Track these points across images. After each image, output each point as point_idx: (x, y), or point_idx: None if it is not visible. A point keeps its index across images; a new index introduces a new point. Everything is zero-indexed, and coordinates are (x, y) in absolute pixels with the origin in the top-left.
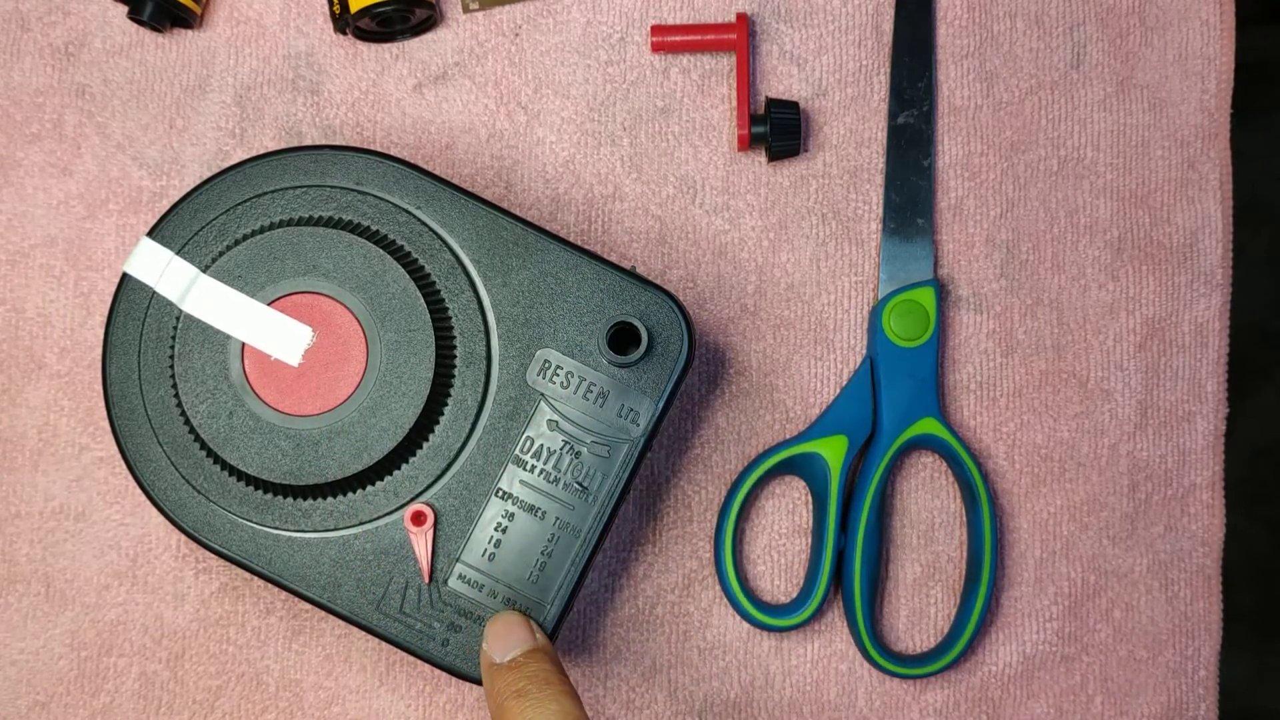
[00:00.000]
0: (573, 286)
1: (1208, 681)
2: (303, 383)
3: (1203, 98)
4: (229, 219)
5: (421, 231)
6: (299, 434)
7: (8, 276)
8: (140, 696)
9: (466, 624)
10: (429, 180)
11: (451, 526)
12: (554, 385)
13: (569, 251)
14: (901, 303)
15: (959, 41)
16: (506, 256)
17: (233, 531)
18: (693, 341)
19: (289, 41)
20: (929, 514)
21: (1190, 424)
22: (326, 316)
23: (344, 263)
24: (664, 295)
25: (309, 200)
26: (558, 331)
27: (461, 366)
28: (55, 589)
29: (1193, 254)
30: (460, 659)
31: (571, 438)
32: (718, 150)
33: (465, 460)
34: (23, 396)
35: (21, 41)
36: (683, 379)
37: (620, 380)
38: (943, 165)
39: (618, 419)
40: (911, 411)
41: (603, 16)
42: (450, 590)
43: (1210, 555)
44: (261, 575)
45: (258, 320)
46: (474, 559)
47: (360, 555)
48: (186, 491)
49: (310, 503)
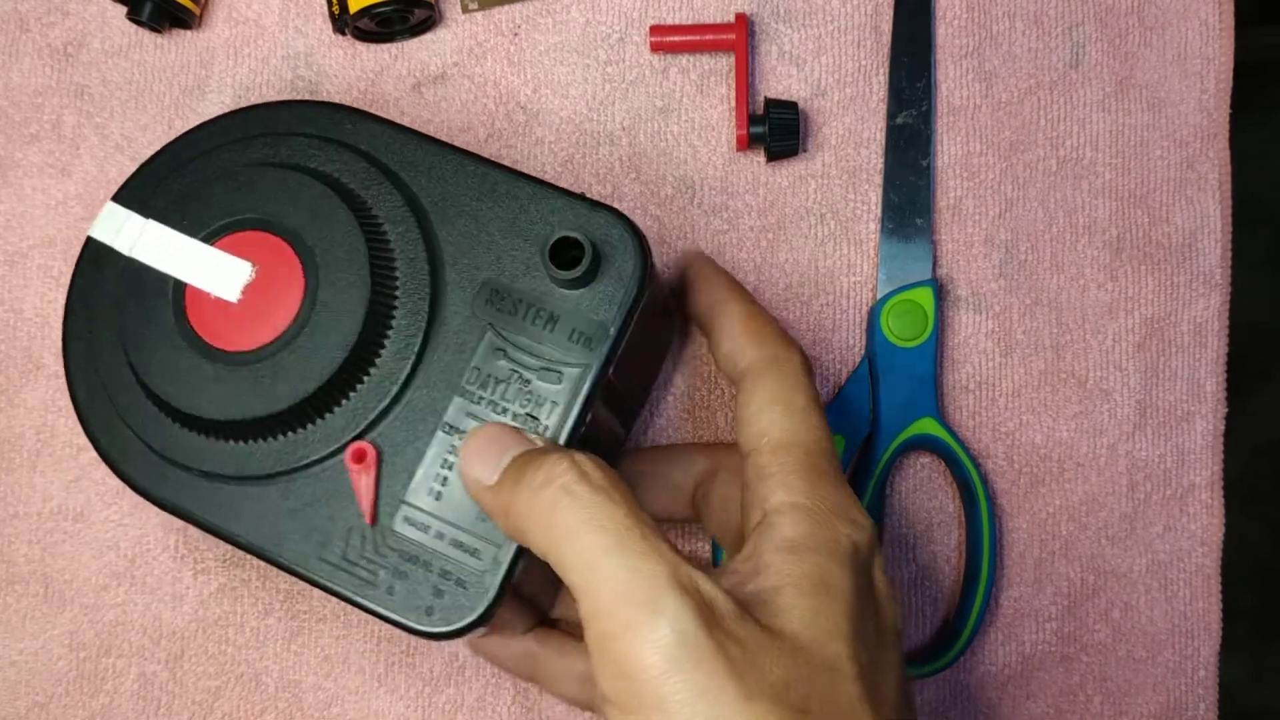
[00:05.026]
0: (520, 211)
1: (1207, 681)
2: (243, 319)
3: (1202, 97)
4: (188, 173)
5: (367, 167)
6: (237, 369)
7: (6, 277)
8: (139, 697)
9: (412, 570)
10: (377, 122)
11: (396, 465)
12: (501, 312)
13: (516, 178)
14: (900, 303)
15: (958, 41)
16: (452, 186)
17: (180, 485)
18: (647, 261)
19: (288, 42)
20: (927, 514)
21: (1189, 424)
22: (267, 251)
23: (283, 198)
24: (615, 215)
25: (263, 148)
26: (505, 257)
27: (403, 296)
28: (54, 590)
29: (1192, 254)
30: (406, 609)
31: (519, 365)
32: (716, 150)
33: (410, 395)
34: (20, 397)
35: (20, 42)
36: (639, 301)
37: (570, 303)
38: (941, 165)
39: (569, 343)
40: (910, 411)
41: (602, 16)
42: (395, 534)
43: (1209, 555)
44: (208, 528)
45: (198, 259)
46: (419, 499)
47: (304, 501)
48: (136, 446)
49: (252, 444)
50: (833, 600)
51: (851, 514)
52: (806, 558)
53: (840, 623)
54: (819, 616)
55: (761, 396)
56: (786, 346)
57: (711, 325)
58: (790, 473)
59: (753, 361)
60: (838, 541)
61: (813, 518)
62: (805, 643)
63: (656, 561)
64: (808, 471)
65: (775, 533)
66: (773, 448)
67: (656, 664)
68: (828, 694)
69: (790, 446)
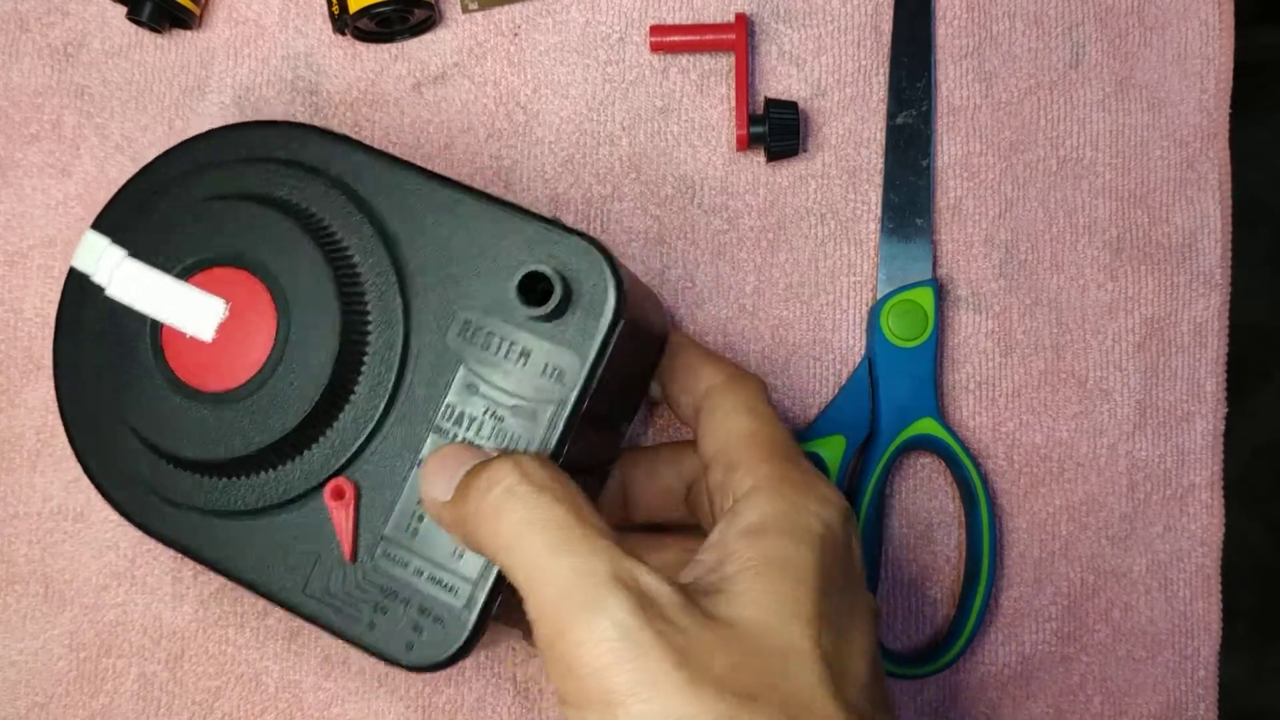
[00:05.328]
0: (491, 241)
1: (1207, 681)
2: (219, 358)
3: (1202, 97)
4: (164, 203)
5: (338, 197)
6: (215, 409)
7: (6, 277)
8: (139, 697)
9: (392, 605)
10: (353, 147)
11: (376, 502)
12: (474, 346)
13: (487, 204)
14: (900, 303)
15: (958, 41)
16: (424, 214)
17: (169, 517)
18: (621, 290)
19: (288, 42)
20: (927, 514)
21: (1189, 424)
22: (240, 288)
23: (255, 233)
24: (587, 242)
25: (238, 178)
26: (477, 290)
27: (375, 332)
28: (54, 589)
29: (1192, 254)
30: (388, 644)
31: (493, 401)
32: (716, 150)
33: (387, 430)
34: (21, 397)
35: (20, 42)
36: (613, 333)
37: (543, 337)
38: (941, 165)
39: (541, 379)
40: (910, 411)
41: (602, 16)
42: (374, 569)
43: (1209, 555)
44: (197, 559)
45: (173, 297)
46: (398, 535)
47: (289, 536)
48: (126, 476)
49: (236, 481)
50: (792, 580)
51: (820, 491)
52: (767, 539)
53: (801, 603)
54: (774, 598)
55: (725, 406)
56: (744, 371)
57: (666, 367)
58: (758, 461)
59: (713, 383)
60: (804, 521)
61: (778, 499)
62: (757, 627)
63: (597, 558)
64: (776, 459)
65: (740, 519)
66: (741, 442)
67: (599, 659)
68: (779, 678)
69: (757, 438)
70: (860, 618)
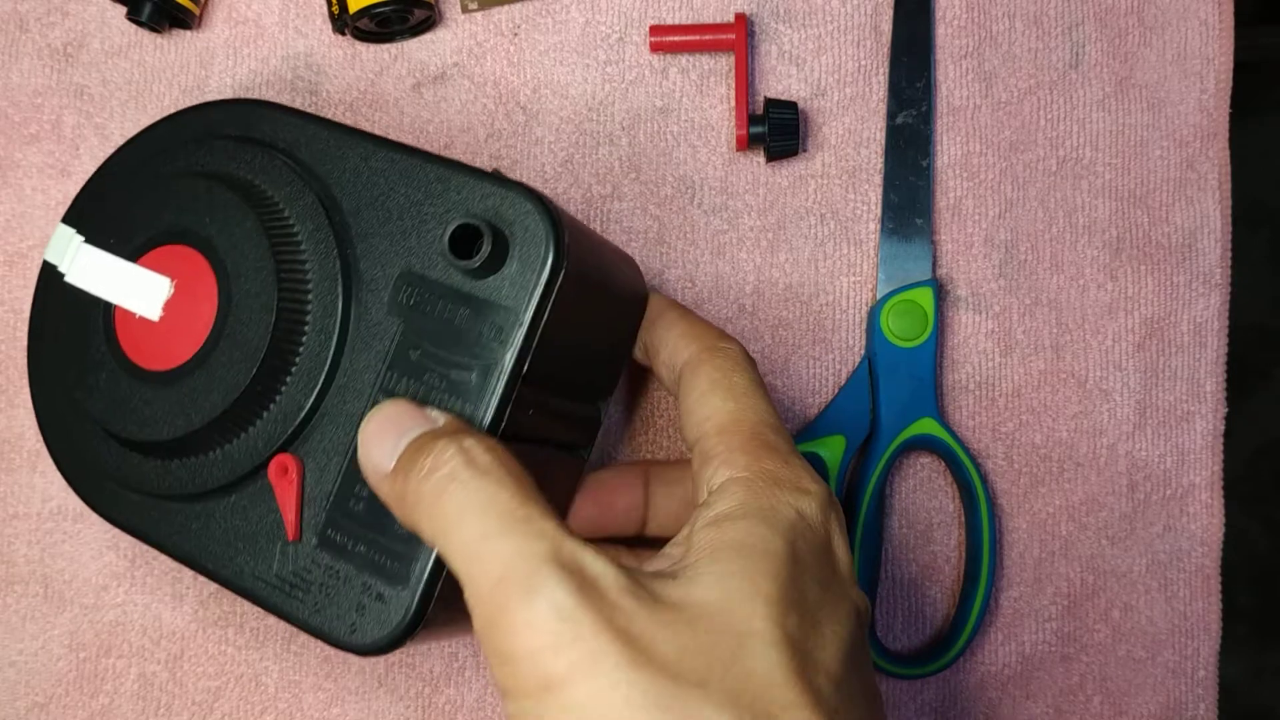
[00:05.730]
0: (426, 199)
1: (1206, 681)
2: (165, 337)
3: (1201, 97)
4: (118, 189)
5: (283, 168)
6: (160, 389)
7: (6, 278)
8: (139, 697)
9: (335, 585)
10: (301, 119)
11: (321, 478)
12: (414, 310)
13: (424, 161)
14: (900, 303)
15: (957, 41)
16: (363, 176)
17: (128, 503)
18: (559, 239)
19: (288, 42)
20: (927, 514)
21: (1189, 424)
22: (185, 265)
23: (196, 207)
24: (525, 192)
25: (185, 156)
26: (414, 249)
27: (315, 300)
28: (54, 590)
29: (1191, 254)
30: (333, 625)
31: (435, 362)
32: (716, 150)
33: (329, 402)
34: (21, 397)
35: (20, 42)
36: (552, 286)
37: (482, 294)
38: (941, 165)
39: (483, 338)
40: (910, 411)
41: (601, 16)
42: (321, 549)
43: (1209, 555)
44: (156, 546)
45: (122, 278)
46: (342, 510)
47: (240, 517)
48: (89, 465)
49: (184, 462)
50: (753, 562)
51: (800, 482)
52: (733, 525)
53: (762, 586)
54: (732, 579)
55: (701, 384)
56: (723, 338)
57: (649, 339)
58: (734, 451)
59: (689, 356)
60: (775, 509)
61: (749, 489)
62: (712, 609)
63: (537, 540)
64: (753, 448)
65: (709, 511)
66: (717, 431)
67: (535, 642)
68: (733, 662)
69: (733, 426)
70: (840, 610)
